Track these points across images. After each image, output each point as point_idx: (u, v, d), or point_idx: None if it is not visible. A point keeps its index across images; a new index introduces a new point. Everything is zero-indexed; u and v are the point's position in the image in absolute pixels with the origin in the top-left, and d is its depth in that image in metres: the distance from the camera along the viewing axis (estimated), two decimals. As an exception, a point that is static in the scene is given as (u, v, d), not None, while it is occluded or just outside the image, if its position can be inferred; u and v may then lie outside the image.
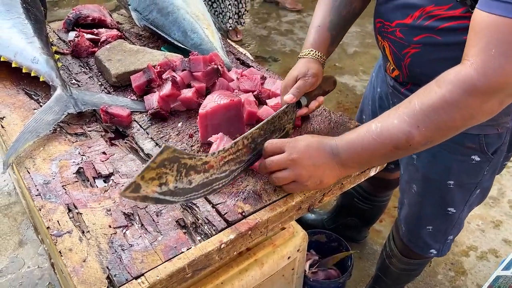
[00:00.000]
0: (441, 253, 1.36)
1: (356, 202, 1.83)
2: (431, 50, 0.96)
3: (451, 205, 1.22)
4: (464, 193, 1.19)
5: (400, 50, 1.03)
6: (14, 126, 1.07)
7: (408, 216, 1.35)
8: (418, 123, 0.78)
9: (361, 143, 0.84)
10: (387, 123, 0.82)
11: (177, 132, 1.07)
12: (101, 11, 1.49)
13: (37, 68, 1.15)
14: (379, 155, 0.84)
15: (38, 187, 0.90)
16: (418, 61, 1.00)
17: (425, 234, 1.32)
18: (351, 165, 0.88)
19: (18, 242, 1.97)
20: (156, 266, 0.76)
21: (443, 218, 1.26)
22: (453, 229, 1.30)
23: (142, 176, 0.70)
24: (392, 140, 0.81)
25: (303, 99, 1.04)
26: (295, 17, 4.31)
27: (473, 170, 1.13)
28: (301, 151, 0.86)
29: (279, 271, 1.15)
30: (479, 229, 2.17)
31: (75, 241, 0.80)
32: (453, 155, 1.11)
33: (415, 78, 1.06)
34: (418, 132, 0.79)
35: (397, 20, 0.99)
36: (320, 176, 0.87)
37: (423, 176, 1.22)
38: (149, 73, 1.15)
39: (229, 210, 0.86)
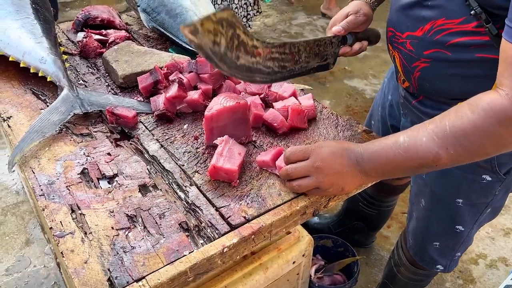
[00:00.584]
0: (448, 269, 1.32)
1: (362, 207, 1.81)
2: (441, 66, 0.94)
3: (460, 223, 1.19)
4: (474, 212, 1.16)
5: (410, 62, 1.01)
6: (21, 125, 1.07)
7: (416, 229, 1.32)
8: (447, 145, 0.78)
9: (386, 155, 0.83)
10: (416, 140, 0.80)
11: (183, 134, 1.06)
12: (110, 12, 1.49)
13: (44, 68, 1.16)
14: (403, 169, 0.84)
15: (42, 187, 0.90)
16: (427, 76, 0.98)
17: (432, 250, 1.29)
18: (374, 175, 0.88)
19: (25, 241, 1.98)
20: (158, 269, 0.75)
21: (451, 235, 1.23)
22: (461, 246, 1.27)
23: (202, 23, 0.71)
24: (419, 157, 0.80)
25: (349, 37, 1.05)
26: (306, 20, 4.30)
27: (484, 190, 1.10)
28: (325, 158, 0.85)
29: (284, 275, 1.14)
30: (488, 236, 2.13)
31: (77, 242, 0.79)
32: (464, 173, 1.08)
33: (425, 92, 1.04)
34: (446, 154, 0.78)
35: (408, 31, 0.97)
36: (342, 183, 0.87)
37: (431, 192, 1.19)
38: (156, 74, 1.15)
39: (232, 213, 0.85)
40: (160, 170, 0.96)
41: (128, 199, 0.88)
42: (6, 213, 2.11)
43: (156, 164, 0.98)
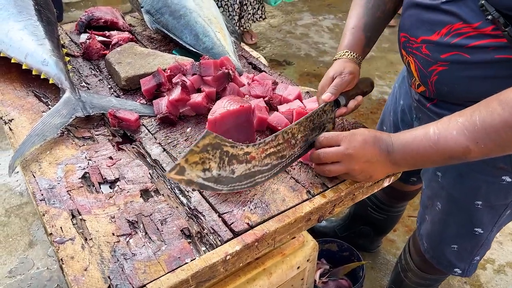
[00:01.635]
0: (466, 273, 1.29)
1: (370, 211, 1.78)
2: (459, 68, 0.93)
3: (479, 226, 1.17)
4: (493, 214, 1.14)
5: (426, 67, 0.99)
6: (22, 128, 1.06)
7: (432, 233, 1.29)
8: (478, 140, 0.79)
9: (416, 147, 0.85)
10: (446, 133, 0.82)
11: (186, 138, 1.04)
12: (113, 13, 1.48)
13: (46, 70, 1.15)
14: (433, 161, 0.86)
15: (42, 191, 0.89)
16: (445, 79, 0.97)
17: (450, 253, 1.26)
18: (403, 164, 0.89)
19: (28, 243, 1.97)
20: (159, 277, 0.73)
21: (469, 238, 1.21)
22: (480, 250, 1.24)
23: (186, 159, 0.73)
24: (449, 150, 0.82)
25: (341, 99, 1.04)
26: (311, 20, 4.28)
27: (504, 191, 1.08)
28: (357, 146, 0.87)
29: (288, 281, 1.12)
30: (496, 241, 2.10)
31: (78, 248, 0.78)
32: (482, 175, 1.07)
33: (443, 96, 1.03)
34: (477, 148, 0.79)
35: (423, 36, 0.96)
36: (371, 171, 0.90)
37: (448, 195, 1.17)
38: (159, 77, 1.13)
39: (235, 220, 0.84)
40: (163, 174, 0.95)
41: (130, 204, 0.87)
42: (10, 215, 2.11)
43: (159, 169, 0.96)
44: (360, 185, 0.94)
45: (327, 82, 1.04)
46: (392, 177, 1.00)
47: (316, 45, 3.84)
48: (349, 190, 0.92)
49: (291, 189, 0.91)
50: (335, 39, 3.92)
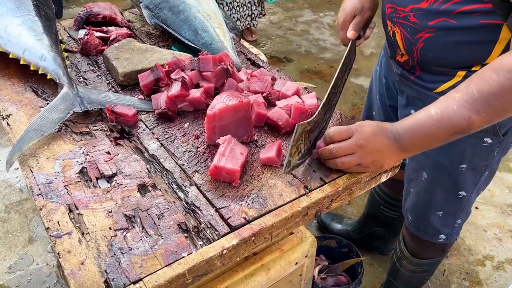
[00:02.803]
0: (450, 238, 1.35)
1: (383, 210, 1.78)
2: (446, 34, 0.98)
3: (462, 189, 1.23)
4: (475, 176, 1.20)
5: (413, 35, 1.04)
6: (20, 124, 1.06)
7: (417, 204, 1.34)
8: (478, 109, 0.82)
9: (422, 129, 0.88)
10: (447, 110, 0.85)
11: (183, 133, 1.04)
12: (112, 9, 1.48)
13: (44, 66, 1.14)
14: (439, 139, 0.89)
15: (40, 186, 0.89)
16: (431, 46, 1.02)
17: (435, 220, 1.31)
18: (412, 149, 0.92)
19: (28, 239, 1.98)
20: (155, 271, 0.74)
21: (454, 202, 1.26)
22: (461, 213, 1.29)
23: (290, 153, 0.87)
24: (453, 126, 0.85)
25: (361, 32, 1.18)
26: (312, 17, 4.27)
27: (485, 152, 1.15)
28: (368, 137, 0.90)
29: (286, 277, 1.12)
30: (496, 238, 2.10)
31: (74, 243, 0.78)
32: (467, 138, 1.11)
33: (426, 63, 1.08)
34: (479, 117, 0.83)
35: (412, 4, 1.00)
36: (382, 160, 0.92)
37: (434, 162, 1.21)
38: (157, 72, 1.13)
39: (232, 214, 0.84)
40: (160, 169, 0.95)
41: (127, 199, 0.87)
42: (10, 211, 2.11)
43: (156, 164, 0.96)
44: (358, 180, 0.94)
45: (348, 18, 1.14)
46: (390, 172, 1.00)
47: (317, 42, 3.83)
48: (346, 185, 0.92)
49: (288, 184, 0.91)
50: (335, 36, 3.91)
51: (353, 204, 2.27)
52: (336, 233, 1.99)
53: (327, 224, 2.05)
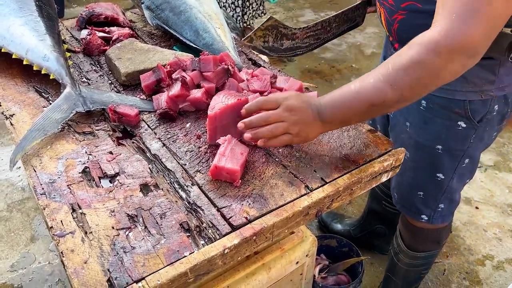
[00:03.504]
0: (432, 220, 1.38)
1: (385, 205, 1.80)
2: (415, 17, 1.05)
3: (440, 171, 1.28)
4: (453, 159, 1.25)
5: (390, 15, 1.12)
6: (23, 123, 1.06)
7: (400, 182, 1.39)
8: (391, 82, 0.85)
9: (343, 100, 0.91)
10: (365, 82, 0.89)
11: (185, 133, 1.05)
12: (114, 9, 1.49)
13: (47, 66, 1.15)
14: (358, 112, 0.90)
15: (43, 185, 0.89)
16: (404, 27, 1.10)
17: (417, 200, 1.37)
18: (333, 121, 0.93)
19: (30, 237, 1.99)
20: (158, 270, 0.74)
21: (432, 183, 1.31)
22: (443, 197, 1.33)
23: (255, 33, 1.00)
24: (368, 97, 0.88)
25: None
26: (313, 17, 4.27)
27: (460, 136, 1.20)
28: (297, 107, 0.92)
29: (287, 276, 1.13)
30: (496, 237, 2.11)
31: (78, 242, 0.79)
32: (442, 120, 1.19)
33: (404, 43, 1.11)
34: (391, 90, 0.85)
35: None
36: (307, 130, 0.93)
37: (415, 143, 1.27)
38: (159, 72, 1.14)
39: (234, 214, 0.84)
40: (162, 169, 0.95)
41: (129, 199, 0.88)
42: (12, 210, 2.12)
43: (158, 163, 0.97)
44: (358, 179, 0.94)
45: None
46: (390, 172, 1.01)
47: (317, 41, 3.83)
48: (346, 184, 0.92)
49: (289, 184, 0.92)
50: (336, 35, 3.91)
51: (354, 204, 2.28)
52: (336, 232, 1.99)
53: (327, 223, 2.06)
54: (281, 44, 1.05)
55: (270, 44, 1.03)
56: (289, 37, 1.05)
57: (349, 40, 3.85)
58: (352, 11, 1.16)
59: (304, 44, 1.10)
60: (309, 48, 1.12)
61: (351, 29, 1.22)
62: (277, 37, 1.03)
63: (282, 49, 1.05)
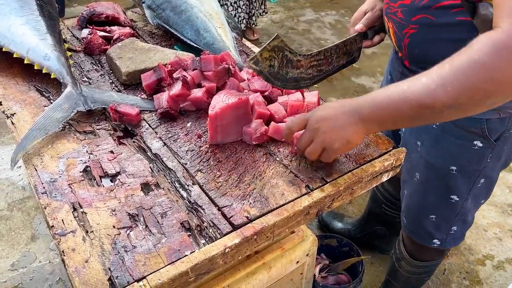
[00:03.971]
0: (445, 244, 1.33)
1: (385, 209, 1.78)
2: (428, 31, 1.00)
3: (454, 192, 1.21)
4: (467, 180, 1.17)
5: (400, 30, 1.07)
6: (24, 122, 1.07)
7: (410, 206, 1.33)
8: (445, 82, 0.77)
9: (387, 98, 0.83)
10: (415, 80, 0.81)
11: (186, 132, 1.05)
12: (115, 8, 1.49)
13: (48, 65, 1.15)
14: (403, 113, 0.82)
15: (44, 184, 0.90)
16: (416, 42, 1.05)
17: (428, 224, 1.30)
18: (375, 121, 0.86)
19: (31, 236, 1.99)
20: (159, 269, 0.74)
21: (446, 206, 1.24)
22: (456, 219, 1.27)
23: (261, 53, 0.94)
24: (417, 96, 0.79)
25: (369, 32, 1.20)
26: (313, 16, 4.27)
27: (476, 156, 1.12)
28: (320, 118, 0.88)
29: (287, 275, 1.13)
30: (496, 237, 2.11)
31: (79, 241, 0.79)
32: (456, 139, 1.12)
33: (414, 59, 1.10)
34: (444, 92, 0.77)
35: (400, 0, 1.03)
36: (344, 136, 0.87)
37: (426, 163, 1.21)
38: (160, 72, 1.14)
39: (235, 213, 0.84)
40: (163, 168, 0.95)
41: (130, 198, 0.88)
42: (12, 209, 2.12)
43: (159, 163, 0.97)
44: (359, 179, 0.94)
45: (360, 15, 1.19)
46: (391, 171, 1.01)
47: (318, 41, 3.83)
48: (347, 184, 0.92)
49: (290, 183, 0.92)
50: (337, 35, 3.91)
51: (354, 203, 2.28)
52: (337, 231, 1.99)
53: (328, 223, 2.05)
54: (286, 72, 1.01)
55: (275, 70, 0.98)
56: (294, 64, 1.01)
57: (350, 40, 3.85)
58: (350, 43, 1.15)
59: (307, 76, 1.06)
60: (312, 80, 1.08)
61: (348, 64, 1.20)
62: (283, 62, 0.98)
63: (287, 78, 1.02)
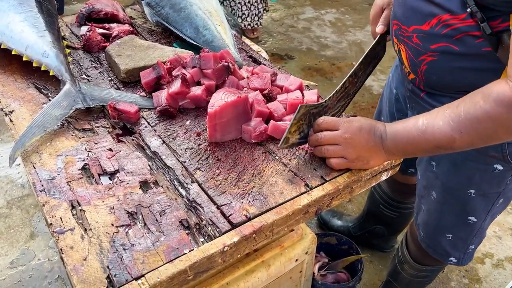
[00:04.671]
0: (462, 262, 1.31)
1: (382, 209, 1.78)
2: (448, 59, 0.96)
3: (472, 214, 1.19)
4: (486, 202, 1.16)
5: (416, 56, 1.02)
6: (23, 120, 1.06)
7: (427, 222, 1.31)
8: (461, 130, 0.83)
9: (406, 136, 0.90)
10: (433, 123, 0.86)
11: (185, 130, 1.05)
12: (114, 6, 1.48)
13: (47, 62, 1.15)
14: (422, 149, 0.90)
15: (43, 182, 0.89)
16: (434, 69, 1.00)
17: (445, 242, 1.28)
18: (396, 153, 0.93)
19: (30, 234, 1.99)
20: (157, 267, 0.74)
21: (463, 227, 1.22)
22: (474, 238, 1.25)
23: (289, 131, 0.91)
24: (435, 139, 0.86)
25: None
26: (313, 14, 4.26)
27: (496, 179, 1.11)
28: (355, 132, 0.91)
29: (286, 273, 1.13)
30: (495, 236, 2.11)
31: (77, 239, 0.79)
32: (475, 164, 1.10)
33: (431, 85, 1.05)
34: (460, 137, 0.84)
35: (415, 25, 0.98)
36: (368, 157, 0.93)
37: (443, 184, 1.19)
38: (159, 69, 1.13)
39: (234, 212, 0.84)
40: (162, 166, 0.95)
41: (129, 196, 0.87)
42: (11, 206, 2.12)
43: (158, 161, 0.97)
44: (358, 178, 0.94)
45: (378, 12, 1.15)
46: (390, 170, 1.01)
47: (318, 39, 3.83)
48: (346, 183, 0.92)
49: (289, 182, 0.91)
50: (337, 33, 3.91)
51: (354, 202, 2.28)
52: (336, 229, 1.99)
53: (327, 220, 2.05)
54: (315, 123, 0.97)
55: (305, 132, 0.94)
56: (322, 112, 0.97)
57: (350, 38, 3.84)
58: (373, 49, 1.10)
59: (337, 110, 1.02)
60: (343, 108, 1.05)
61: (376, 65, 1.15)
62: (311, 121, 0.94)
63: None
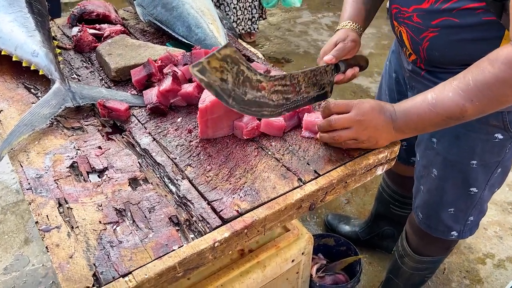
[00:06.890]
0: (462, 235, 1.33)
1: (392, 208, 1.76)
2: (450, 33, 0.98)
3: (474, 185, 1.21)
4: (486, 172, 1.19)
5: (417, 34, 1.04)
6: (11, 119, 1.05)
7: (428, 201, 1.32)
8: (472, 97, 0.84)
9: (416, 112, 0.90)
10: (442, 95, 0.87)
11: (176, 127, 1.03)
12: (106, 7, 1.47)
13: (36, 62, 1.13)
14: (433, 123, 0.91)
15: (29, 180, 0.87)
16: (436, 45, 1.02)
17: (446, 217, 1.30)
18: (406, 131, 0.94)
19: (24, 240, 1.96)
20: (145, 264, 0.72)
21: (465, 198, 1.25)
22: (473, 210, 1.27)
23: (208, 61, 0.78)
24: (447, 111, 0.87)
25: (341, 64, 1.08)
26: (310, 18, 4.27)
27: (496, 148, 1.14)
28: (366, 113, 0.91)
29: (283, 274, 1.11)
30: (496, 236, 2.08)
31: (63, 236, 0.76)
32: (477, 134, 1.12)
33: (433, 62, 1.07)
34: (472, 105, 0.85)
35: (414, 5, 1.00)
36: (377, 137, 0.93)
37: (444, 159, 1.20)
38: (149, 67, 1.12)
39: (225, 207, 0.82)
40: (152, 163, 0.93)
41: (117, 193, 0.85)
42: (6, 212, 2.10)
43: (148, 158, 0.95)
44: (352, 172, 0.92)
45: (330, 47, 1.10)
46: (385, 164, 0.99)
47: (315, 42, 3.83)
48: (340, 177, 0.90)
49: (282, 177, 0.89)
50: (333, 36, 3.91)
51: (352, 203, 2.25)
52: (344, 235, 1.94)
53: (334, 226, 2.02)
54: (244, 92, 0.85)
55: (229, 86, 0.82)
56: (254, 84, 0.86)
57: (347, 41, 3.85)
58: (320, 74, 1.01)
59: (272, 102, 0.92)
60: (278, 109, 0.94)
61: (320, 98, 1.05)
62: (238, 78, 0.83)
63: (246, 100, 0.87)
